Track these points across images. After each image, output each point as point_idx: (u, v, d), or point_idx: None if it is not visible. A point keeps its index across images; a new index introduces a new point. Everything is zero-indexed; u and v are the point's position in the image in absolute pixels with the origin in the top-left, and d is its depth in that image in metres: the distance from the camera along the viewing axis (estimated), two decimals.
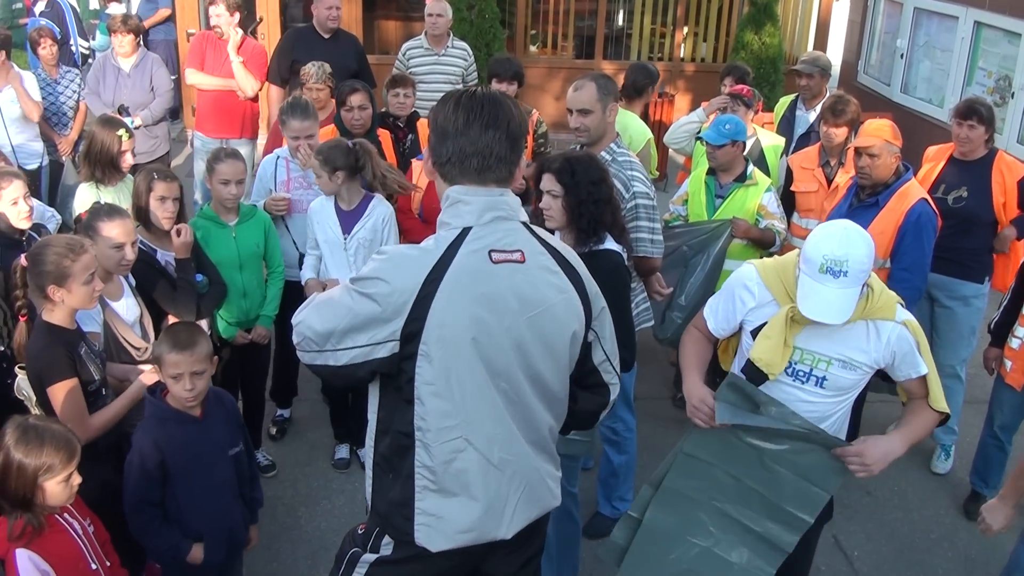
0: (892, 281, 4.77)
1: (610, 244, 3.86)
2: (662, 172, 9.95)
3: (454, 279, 2.44)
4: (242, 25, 7.54)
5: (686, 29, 12.14)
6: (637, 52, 12.04)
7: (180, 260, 4.45)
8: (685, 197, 5.65)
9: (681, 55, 12.23)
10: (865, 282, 3.10)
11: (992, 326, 4.93)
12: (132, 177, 4.87)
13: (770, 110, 7.64)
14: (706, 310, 3.53)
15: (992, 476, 5.08)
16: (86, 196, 5.02)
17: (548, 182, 3.86)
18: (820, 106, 6.20)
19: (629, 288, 4.12)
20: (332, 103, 6.13)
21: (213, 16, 7.35)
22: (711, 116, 6.14)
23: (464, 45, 7.70)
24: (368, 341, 2.47)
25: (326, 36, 7.24)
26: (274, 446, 5.57)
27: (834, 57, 7.95)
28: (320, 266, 5.05)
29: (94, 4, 11.40)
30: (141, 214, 4.45)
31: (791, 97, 7.01)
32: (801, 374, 3.26)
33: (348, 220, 4.92)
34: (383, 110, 6.22)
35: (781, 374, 3.24)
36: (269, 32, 10.48)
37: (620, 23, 12.36)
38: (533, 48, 12.12)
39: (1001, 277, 5.36)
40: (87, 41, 10.43)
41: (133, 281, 4.20)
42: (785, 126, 6.83)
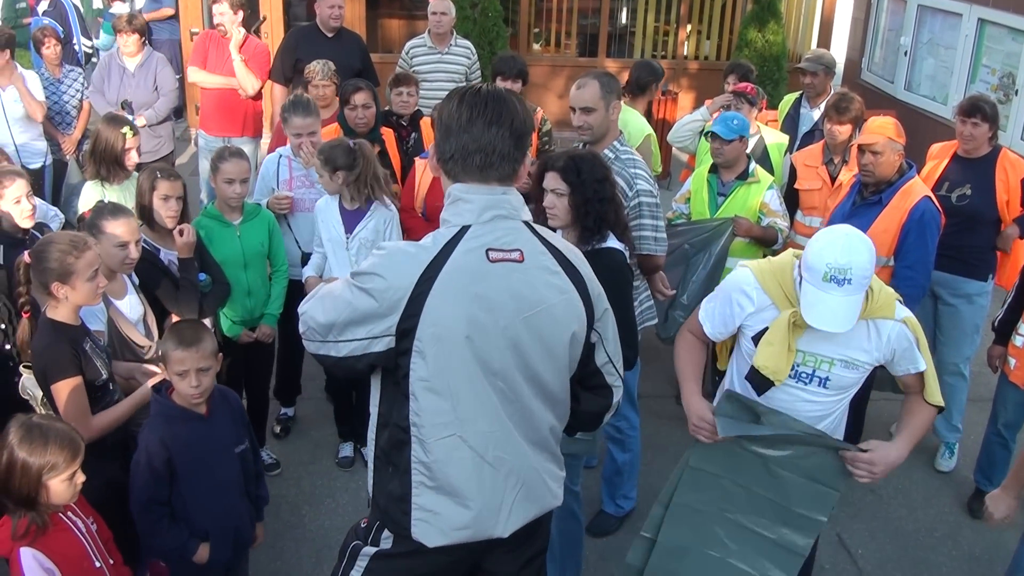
0: (896, 279, 4.77)
1: (612, 242, 3.86)
2: (665, 170, 9.93)
3: (448, 277, 2.44)
4: (246, 24, 7.54)
5: (689, 27, 12.13)
6: (640, 50, 12.04)
7: (183, 259, 4.45)
8: (687, 195, 5.65)
9: (685, 53, 12.22)
10: None
11: (996, 324, 4.92)
12: (137, 176, 4.88)
13: (774, 108, 7.63)
14: (701, 314, 3.50)
15: (996, 474, 5.07)
16: (91, 194, 5.03)
17: (553, 181, 3.85)
18: (824, 104, 6.19)
19: (631, 286, 4.11)
20: (337, 100, 6.14)
21: (217, 15, 7.35)
22: (714, 114, 6.14)
23: (467, 43, 7.70)
24: (366, 335, 2.49)
25: (329, 35, 7.24)
26: (278, 444, 5.58)
27: (838, 54, 7.95)
28: (324, 264, 5.06)
29: (97, 3, 11.40)
30: (145, 213, 4.46)
31: (795, 95, 6.99)
32: (804, 376, 3.27)
33: (351, 219, 4.93)
34: (386, 109, 6.22)
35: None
36: (272, 31, 10.48)
37: (623, 21, 12.35)
38: (536, 46, 12.12)
39: (1005, 274, 5.35)
40: (90, 40, 10.45)
41: (136, 280, 4.21)
42: (789, 124, 6.82)
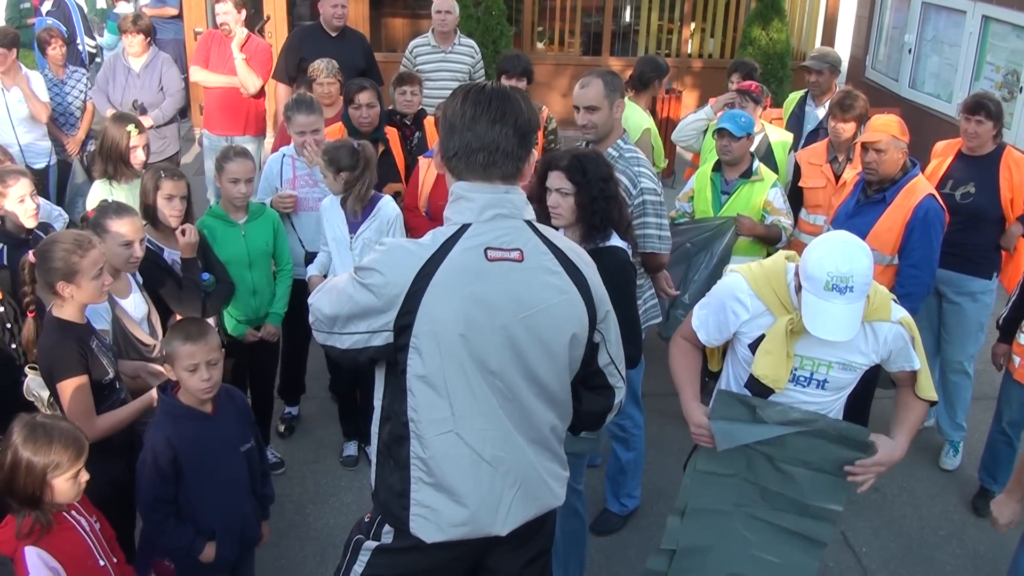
0: (900, 277, 4.77)
1: (615, 241, 3.86)
2: (670, 167, 9.92)
3: (445, 275, 2.45)
4: (249, 23, 7.55)
5: (693, 25, 12.12)
6: (644, 48, 12.03)
7: (185, 259, 4.46)
8: (690, 194, 5.64)
9: (688, 51, 12.21)
10: None
11: (1000, 322, 4.91)
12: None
13: (778, 106, 7.62)
14: (694, 321, 3.48)
15: (1001, 472, 5.07)
16: (98, 193, 5.04)
17: (557, 180, 3.85)
18: (830, 102, 6.18)
19: (635, 284, 4.11)
20: (341, 99, 6.15)
21: (220, 14, 7.36)
22: (718, 113, 6.14)
23: (471, 42, 7.70)
24: (367, 329, 2.51)
25: (333, 34, 7.24)
26: (282, 443, 5.58)
27: (842, 52, 7.93)
28: (329, 263, 5.06)
29: (101, 3, 11.41)
30: (149, 212, 4.47)
31: (800, 93, 6.98)
32: (803, 379, 3.27)
33: (355, 219, 4.92)
34: (390, 108, 6.23)
35: None
36: (276, 30, 10.49)
37: (627, 19, 12.34)
38: (540, 45, 12.11)
39: (1008, 275, 5.32)
40: (93, 40, 10.46)
41: (140, 279, 4.22)
42: (794, 122, 6.81)
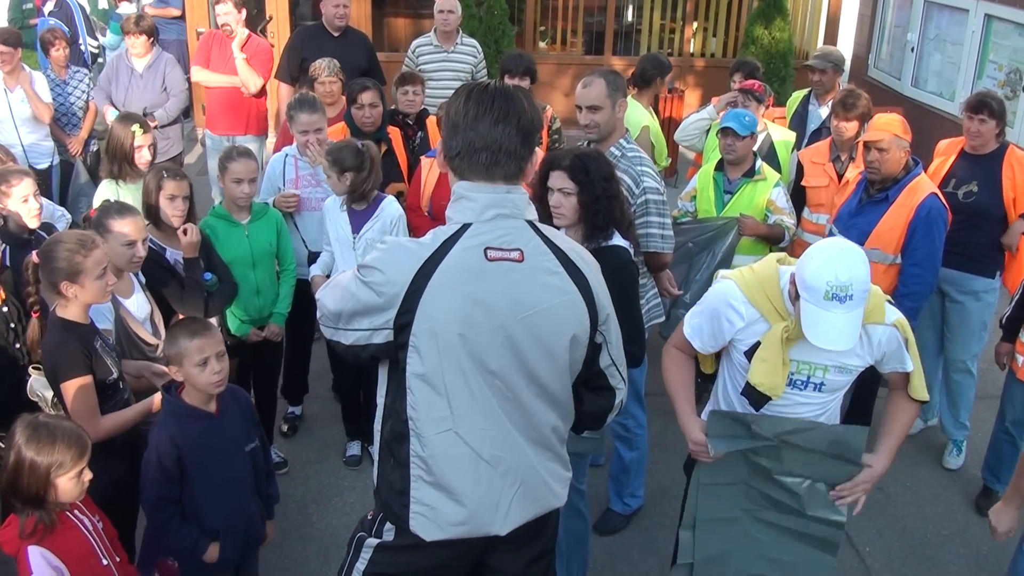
0: (903, 277, 4.77)
1: (617, 240, 3.86)
2: (673, 167, 9.92)
3: (444, 275, 2.45)
4: (251, 23, 7.55)
5: (696, 24, 12.11)
6: (647, 48, 12.01)
7: (187, 259, 4.46)
8: (693, 193, 5.64)
9: (691, 50, 12.20)
10: None
11: (1004, 321, 4.90)
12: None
13: (781, 105, 7.61)
14: (687, 330, 3.44)
15: (1004, 472, 5.06)
16: (105, 193, 5.06)
17: (559, 180, 3.84)
18: (832, 101, 6.18)
19: (637, 283, 4.11)
20: (343, 98, 6.15)
21: (221, 14, 7.36)
22: (721, 112, 6.14)
23: (473, 42, 7.70)
24: (368, 326, 2.52)
25: (335, 34, 7.25)
26: (285, 443, 5.59)
27: (844, 51, 7.91)
28: (332, 263, 5.06)
29: (103, 3, 11.42)
30: (151, 212, 4.47)
31: (804, 92, 6.97)
32: (799, 383, 3.27)
33: (358, 220, 4.93)
34: (392, 108, 6.23)
35: None
36: (279, 30, 10.50)
37: (629, 19, 12.33)
38: (542, 44, 12.11)
39: (1011, 276, 5.27)
40: (96, 40, 10.47)
41: (143, 279, 4.22)
42: (798, 121, 6.80)
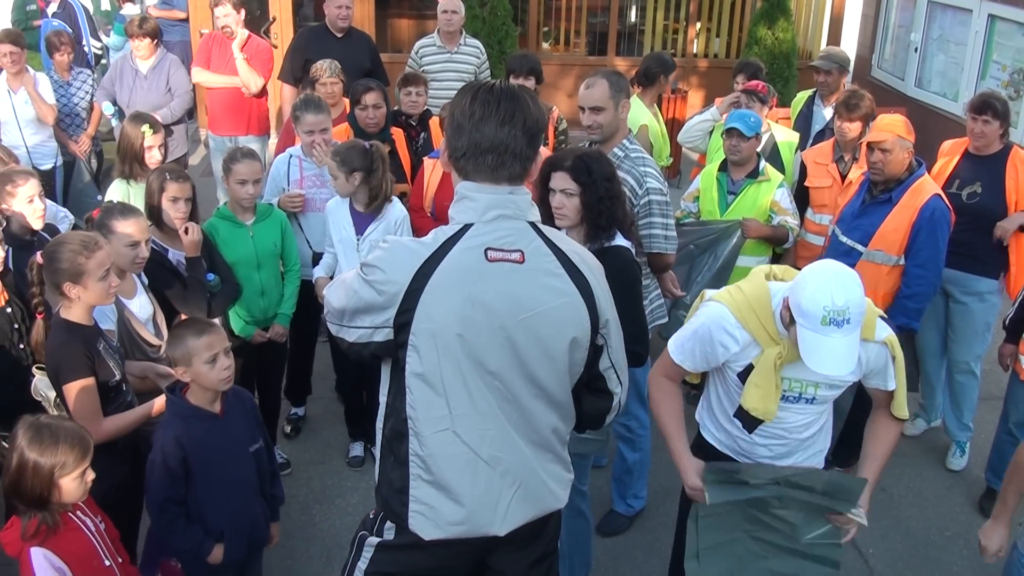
0: (907, 278, 4.76)
1: (620, 240, 3.87)
2: (676, 167, 9.92)
3: (444, 275, 2.45)
4: (255, 25, 7.57)
5: (699, 25, 12.11)
6: (650, 48, 12.01)
7: (189, 259, 4.47)
8: (696, 194, 5.63)
9: (694, 51, 12.21)
10: None
11: (1007, 322, 4.89)
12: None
13: (784, 105, 7.60)
14: (676, 356, 3.37)
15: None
16: (116, 192, 5.08)
17: (562, 181, 3.84)
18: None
19: (640, 283, 4.11)
20: (344, 99, 6.15)
21: (221, 16, 7.37)
22: (724, 114, 6.14)
23: (477, 43, 7.71)
24: (370, 324, 2.53)
25: (339, 35, 7.25)
26: (288, 444, 5.59)
27: (847, 51, 7.91)
28: (335, 265, 5.07)
29: (105, 5, 11.45)
30: (153, 213, 4.48)
31: (808, 92, 6.96)
32: (791, 398, 3.27)
33: (362, 221, 4.93)
34: (396, 108, 6.24)
35: None
36: (282, 32, 10.50)
37: (633, 19, 12.35)
38: (546, 45, 12.12)
39: (1011, 281, 5.25)
40: (99, 41, 10.49)
41: (146, 280, 4.23)
42: (802, 122, 6.79)
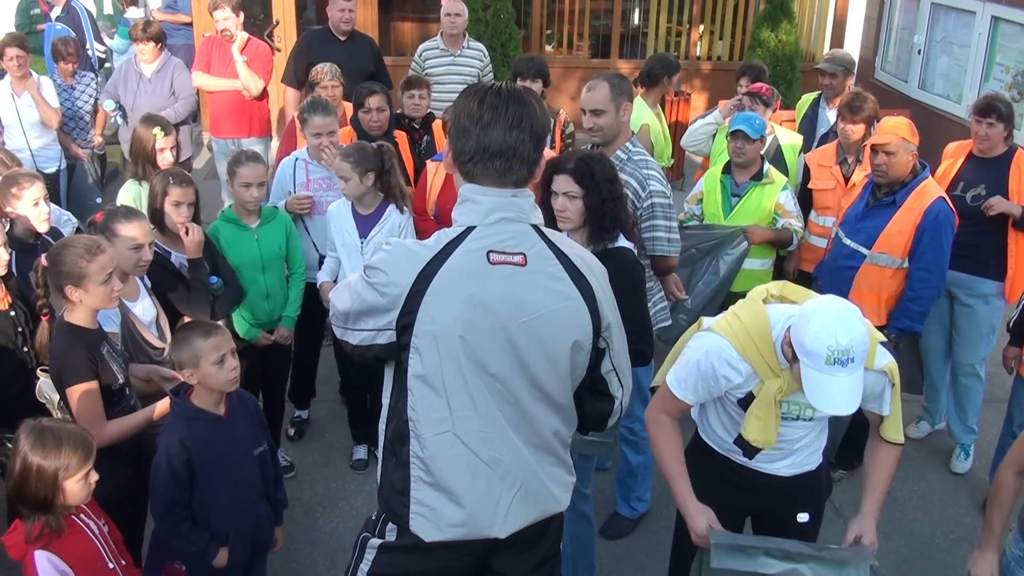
0: (911, 281, 4.75)
1: (622, 241, 3.87)
2: (679, 170, 9.92)
3: (446, 277, 2.45)
4: (258, 28, 7.59)
5: (702, 27, 12.11)
6: (653, 51, 11.99)
7: (192, 260, 4.48)
8: (700, 196, 5.62)
9: (697, 53, 12.20)
10: None
11: (1011, 325, 4.89)
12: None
13: (788, 108, 7.60)
14: (678, 389, 3.26)
15: None
16: (128, 192, 5.11)
17: (564, 183, 3.83)
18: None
19: (644, 283, 4.12)
20: (344, 103, 6.16)
21: (220, 20, 7.39)
22: (727, 117, 6.14)
23: (480, 46, 7.72)
24: (373, 327, 2.53)
25: (342, 38, 7.26)
26: (292, 447, 5.59)
27: (851, 54, 7.90)
28: (338, 268, 5.07)
29: (108, 9, 11.47)
30: (156, 216, 4.49)
31: (813, 95, 6.95)
32: (790, 419, 3.25)
33: (365, 224, 4.93)
34: (398, 111, 6.24)
35: None
36: (285, 35, 10.51)
37: (636, 22, 12.34)
38: (549, 48, 12.12)
39: (1010, 282, 5.24)
40: (103, 45, 10.51)
41: (149, 283, 4.23)
42: (807, 124, 6.79)
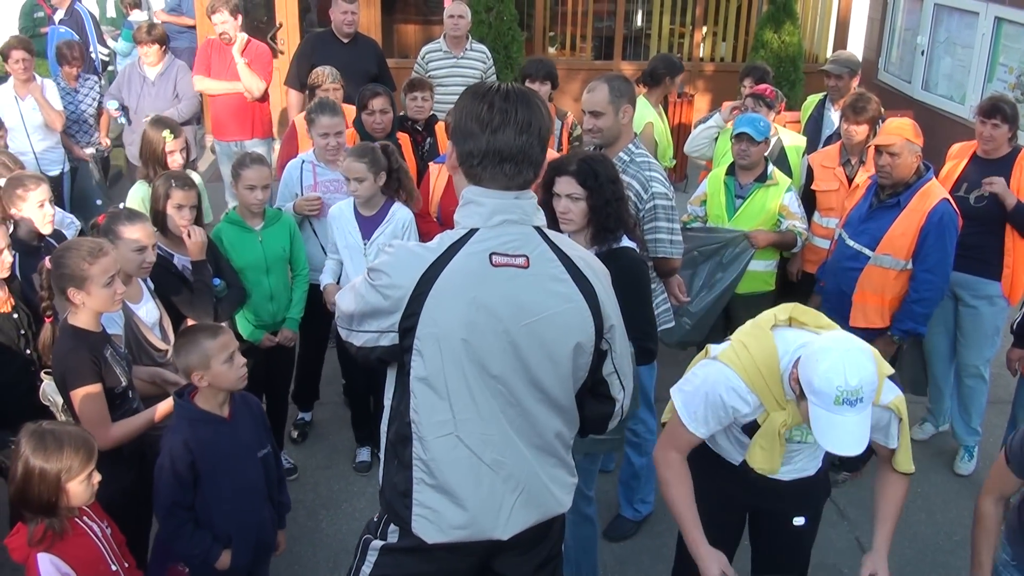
0: (915, 283, 4.74)
1: (625, 241, 3.88)
2: (682, 172, 9.91)
3: (449, 279, 2.45)
4: (259, 31, 7.60)
5: (705, 29, 12.09)
6: (656, 52, 11.95)
7: (195, 263, 4.48)
8: (703, 197, 5.61)
9: (700, 55, 12.18)
10: None
11: (1015, 326, 4.88)
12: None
13: (791, 109, 7.59)
14: (691, 423, 3.20)
15: None
16: (138, 193, 5.13)
17: (567, 185, 3.83)
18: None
19: (649, 282, 4.12)
20: (345, 106, 6.16)
21: (219, 24, 7.41)
22: (728, 121, 6.14)
23: (483, 48, 7.72)
24: (376, 329, 2.54)
25: (345, 41, 7.27)
26: (295, 449, 5.59)
27: (856, 55, 7.90)
28: (340, 270, 5.07)
29: (111, 12, 11.50)
30: (158, 219, 4.49)
31: (819, 96, 6.95)
32: (793, 442, 3.25)
33: (368, 225, 4.93)
34: (401, 113, 6.25)
35: None
36: (288, 38, 10.52)
37: (639, 23, 12.32)
38: (552, 50, 12.10)
39: (1009, 282, 5.24)
40: (106, 48, 10.54)
41: (152, 285, 4.24)
42: (813, 126, 6.79)
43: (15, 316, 4.01)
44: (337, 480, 5.34)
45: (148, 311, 4.12)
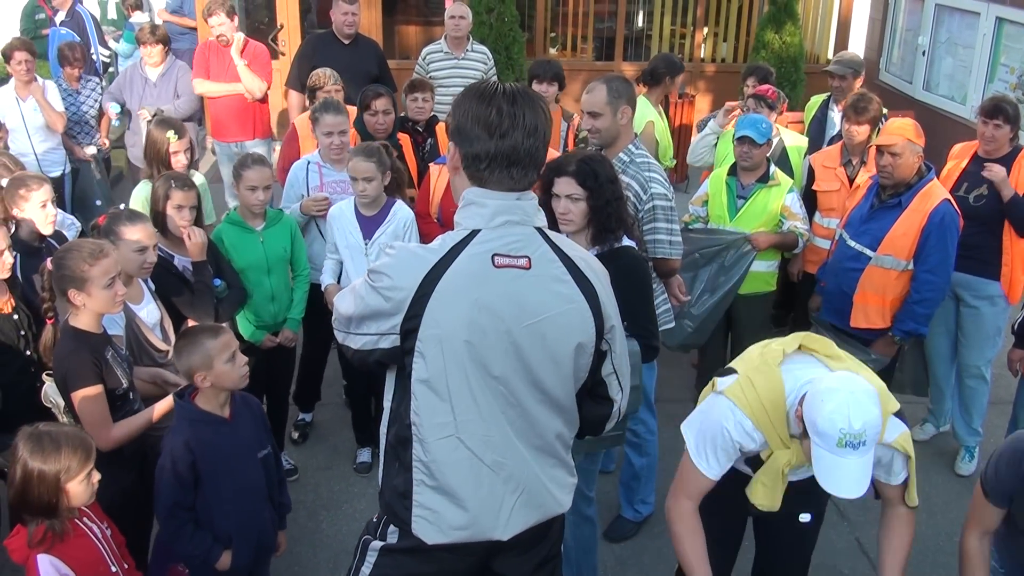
0: (916, 283, 4.74)
1: (625, 241, 3.88)
2: (683, 173, 9.91)
3: (451, 281, 2.45)
4: (260, 33, 7.61)
5: (706, 29, 12.10)
6: (657, 53, 11.98)
7: (195, 263, 4.49)
8: (705, 198, 5.59)
9: (701, 56, 12.19)
10: None
11: (1016, 327, 4.88)
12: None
13: (792, 109, 7.58)
14: (704, 467, 3.19)
15: None
16: (142, 193, 5.14)
17: (567, 186, 3.82)
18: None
19: (651, 281, 4.12)
20: (345, 107, 6.17)
21: (215, 26, 7.42)
22: (725, 126, 6.14)
23: (484, 49, 7.72)
24: (376, 331, 2.53)
25: (346, 42, 7.27)
26: (295, 450, 5.59)
27: (858, 55, 7.90)
28: (340, 270, 5.07)
29: (112, 13, 11.52)
30: (158, 220, 4.49)
31: (822, 97, 6.94)
32: (795, 472, 3.24)
33: (369, 225, 4.93)
34: (402, 114, 6.25)
35: None
36: (289, 39, 10.52)
37: (640, 24, 12.33)
38: (553, 51, 12.10)
39: (1008, 281, 5.24)
40: (107, 49, 10.55)
41: (152, 286, 4.24)
42: (816, 127, 6.78)
43: (15, 317, 4.02)
44: (338, 481, 5.34)
45: (149, 312, 4.12)
